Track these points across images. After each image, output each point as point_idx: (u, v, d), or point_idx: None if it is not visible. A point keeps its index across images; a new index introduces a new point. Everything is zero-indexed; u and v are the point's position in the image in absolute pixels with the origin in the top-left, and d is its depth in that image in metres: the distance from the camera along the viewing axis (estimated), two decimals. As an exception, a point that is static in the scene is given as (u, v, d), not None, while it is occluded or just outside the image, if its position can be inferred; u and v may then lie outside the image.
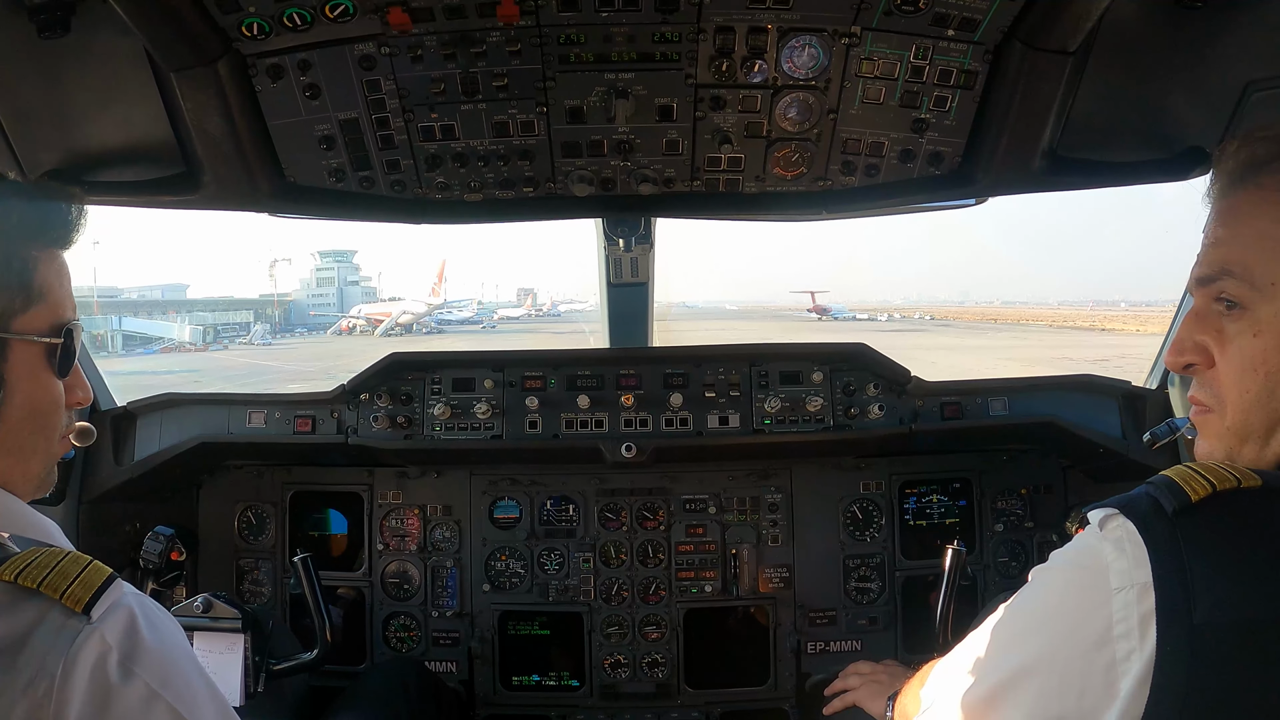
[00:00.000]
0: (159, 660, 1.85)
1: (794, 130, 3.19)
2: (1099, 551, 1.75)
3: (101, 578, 1.83)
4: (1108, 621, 1.69)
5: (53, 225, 2.14)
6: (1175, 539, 1.68)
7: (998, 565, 4.99)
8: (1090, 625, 1.71)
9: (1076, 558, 1.84)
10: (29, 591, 1.76)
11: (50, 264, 2.10)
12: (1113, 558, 1.72)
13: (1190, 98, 3.21)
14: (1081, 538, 1.84)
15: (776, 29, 2.91)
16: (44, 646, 1.72)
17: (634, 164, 3.28)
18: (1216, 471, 1.73)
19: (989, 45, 2.94)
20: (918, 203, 3.52)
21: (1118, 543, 1.72)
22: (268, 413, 4.75)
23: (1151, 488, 1.77)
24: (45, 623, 1.75)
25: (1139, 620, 1.66)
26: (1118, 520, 1.75)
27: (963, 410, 4.71)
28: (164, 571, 4.42)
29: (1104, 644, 1.69)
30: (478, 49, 2.88)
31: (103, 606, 1.79)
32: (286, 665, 4.04)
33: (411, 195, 3.36)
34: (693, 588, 4.99)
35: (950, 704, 2.07)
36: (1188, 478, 1.73)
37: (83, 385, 2.25)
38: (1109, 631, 1.69)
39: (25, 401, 2.03)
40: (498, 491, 5.04)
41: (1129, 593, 1.67)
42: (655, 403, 4.67)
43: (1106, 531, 1.76)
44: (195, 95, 2.89)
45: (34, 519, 2.07)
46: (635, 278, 4.78)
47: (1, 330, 1.98)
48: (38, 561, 1.80)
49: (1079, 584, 1.78)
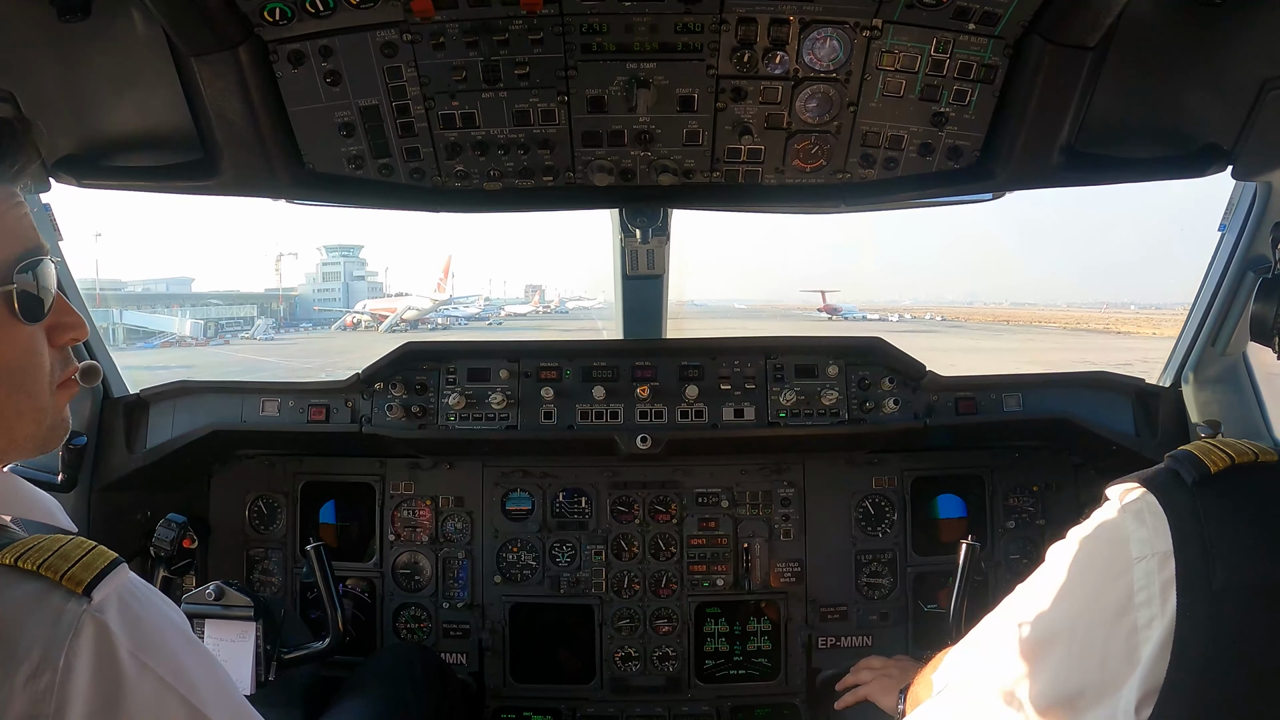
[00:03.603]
0: (167, 649, 1.77)
1: (814, 122, 3.19)
2: (1119, 523, 1.78)
3: (105, 561, 1.73)
4: (1129, 590, 1.71)
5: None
6: (1195, 508, 1.72)
7: (1009, 563, 4.98)
8: (1111, 594, 1.74)
9: (1096, 531, 1.86)
10: (28, 574, 1.66)
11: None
12: (1133, 528, 1.75)
13: (1207, 95, 3.21)
14: (1101, 512, 1.87)
15: (798, 21, 2.91)
16: (43, 633, 1.62)
17: (654, 154, 3.29)
18: (1235, 446, 1.78)
19: (1009, 40, 2.94)
20: (936, 196, 3.52)
21: (1138, 514, 1.76)
22: (281, 401, 4.75)
23: (1171, 461, 1.82)
24: (43, 606, 1.64)
25: (1160, 588, 1.68)
26: (1138, 492, 1.79)
27: (977, 405, 4.70)
28: (175, 559, 4.41)
29: (1125, 612, 1.71)
30: (500, 37, 2.88)
31: (104, 590, 1.69)
32: (298, 654, 4.03)
33: (430, 184, 3.36)
34: (704, 582, 4.98)
35: (967, 682, 2.08)
36: (1207, 451, 1.78)
37: (72, 321, 1.94)
38: (1130, 600, 1.71)
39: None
40: (510, 483, 5.04)
41: (1149, 561, 1.70)
42: (671, 394, 4.66)
43: (1126, 504, 1.79)
44: (215, 81, 2.89)
45: (31, 495, 1.92)
46: (651, 270, 4.77)
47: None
48: (40, 545, 1.71)
49: (1099, 555, 1.81)
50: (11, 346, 1.80)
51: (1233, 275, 4.16)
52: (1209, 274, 4.36)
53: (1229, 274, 4.18)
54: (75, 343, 1.97)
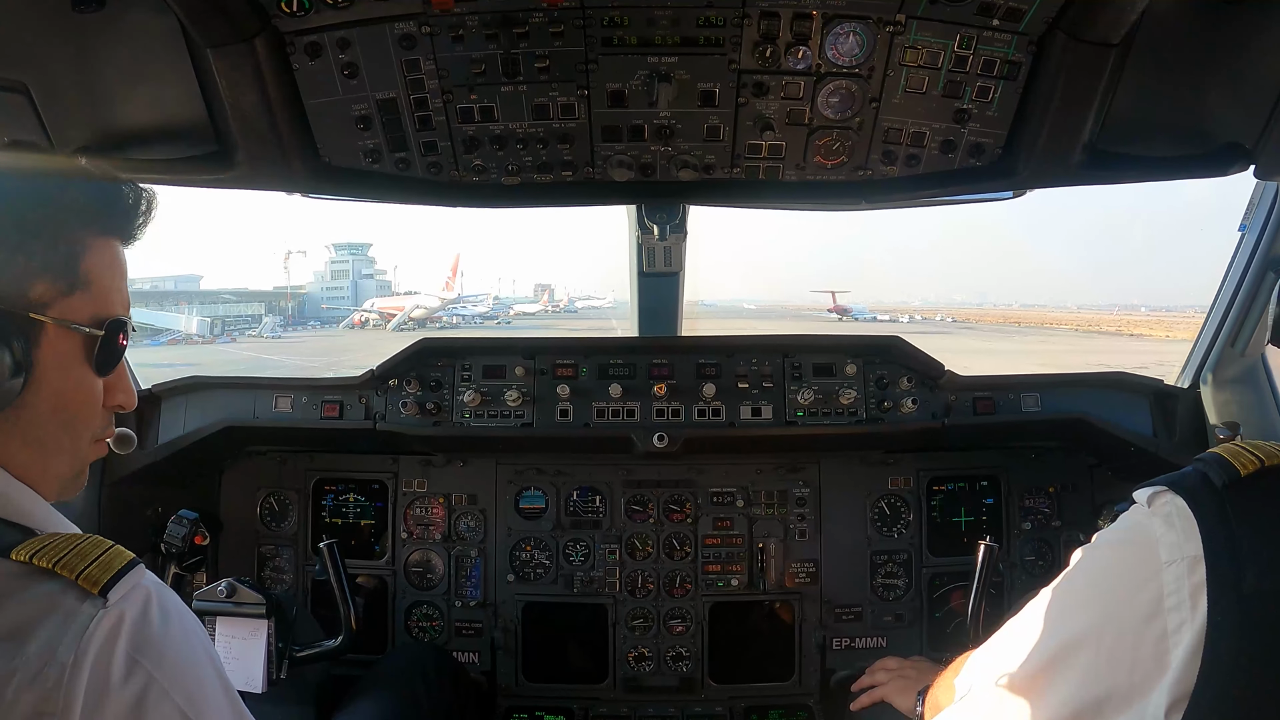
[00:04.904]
0: (174, 656, 1.76)
1: (836, 119, 3.15)
2: (1147, 527, 1.76)
3: (122, 561, 1.75)
4: (1158, 594, 1.69)
5: (111, 211, 2.07)
6: (1225, 511, 1.70)
7: (1024, 564, 4.97)
8: (1140, 598, 1.71)
9: (1124, 534, 1.84)
10: (44, 572, 1.68)
11: (103, 252, 2.02)
12: (1162, 531, 1.73)
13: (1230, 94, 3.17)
14: (1128, 515, 1.85)
15: (821, 15, 2.88)
16: (55, 631, 1.63)
17: (674, 149, 3.25)
18: (1265, 448, 1.75)
19: (1033, 36, 2.91)
20: (957, 194, 3.48)
21: (1166, 517, 1.74)
22: (294, 397, 4.74)
23: (1200, 464, 1.79)
24: (58, 606, 1.66)
25: (1190, 592, 1.66)
26: (1166, 496, 1.77)
27: (995, 405, 4.69)
28: (186, 556, 4.40)
29: (1155, 616, 1.69)
30: (520, 29, 2.85)
31: (121, 590, 1.70)
32: (310, 652, 4.03)
33: (448, 178, 3.33)
34: (718, 581, 4.97)
35: (990, 687, 2.05)
36: (1237, 453, 1.75)
37: (125, 388, 2.14)
38: (1160, 604, 1.69)
39: (53, 394, 1.92)
40: (524, 481, 5.03)
41: (1179, 565, 1.68)
42: (687, 393, 4.65)
43: (1155, 507, 1.77)
44: (231, 73, 2.86)
45: (56, 519, 1.96)
46: (668, 267, 4.76)
47: (36, 312, 1.88)
48: (56, 544, 1.73)
49: (1128, 559, 1.79)
50: (79, 388, 1.98)
51: (1253, 275, 4.14)
52: (1229, 274, 4.34)
53: (1249, 274, 4.15)
54: (121, 410, 2.15)
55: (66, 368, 1.94)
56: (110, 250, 2.04)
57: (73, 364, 1.95)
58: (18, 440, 1.90)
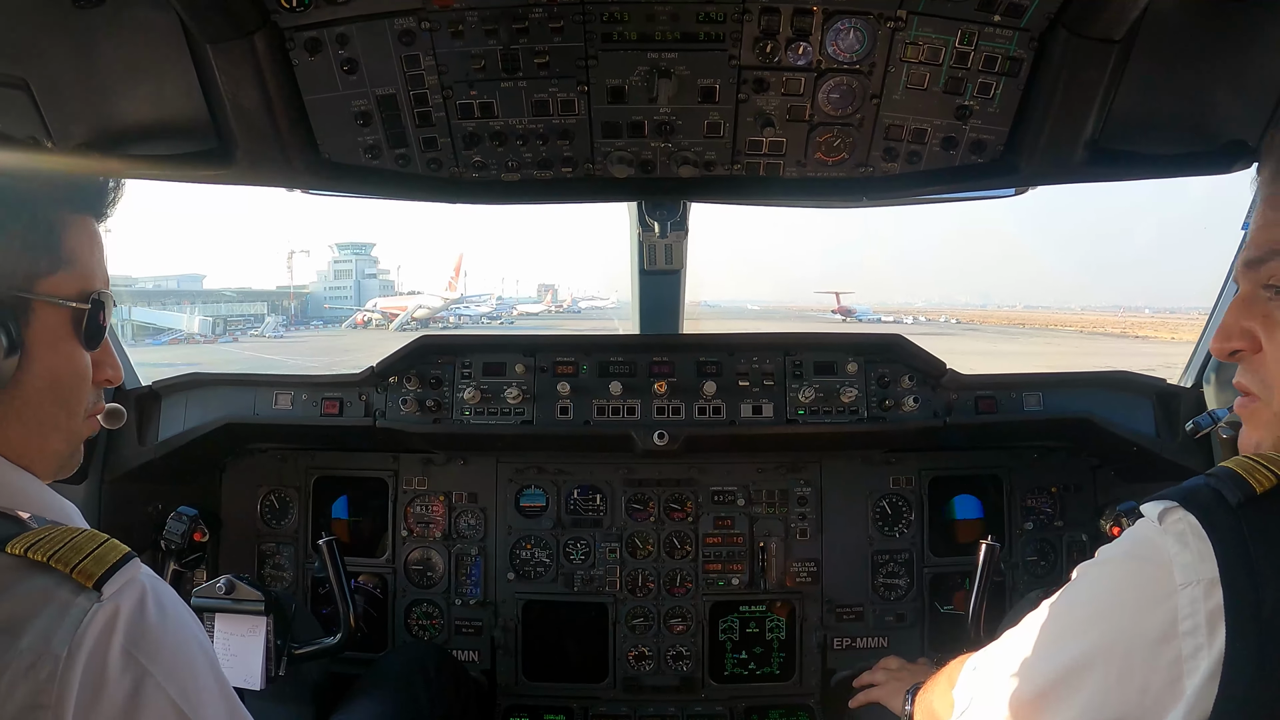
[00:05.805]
0: (169, 650, 1.77)
1: (836, 115, 3.14)
2: (1160, 545, 1.68)
3: (117, 555, 1.76)
4: (1172, 617, 1.62)
5: (84, 190, 2.11)
6: (1240, 532, 1.62)
7: (1026, 564, 4.94)
8: (1153, 619, 1.64)
9: (1134, 550, 1.77)
10: (38, 565, 1.69)
11: (81, 230, 2.06)
12: (1176, 551, 1.65)
13: (1233, 91, 3.15)
14: (1137, 531, 1.77)
15: (822, 11, 2.87)
16: (49, 625, 1.64)
17: (674, 146, 3.24)
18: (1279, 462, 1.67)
19: (1035, 32, 2.89)
20: (959, 191, 3.47)
21: (1180, 536, 1.66)
22: (294, 394, 4.73)
23: (1213, 479, 1.70)
24: (52, 599, 1.66)
25: (1206, 617, 1.59)
26: (1178, 513, 1.69)
27: (997, 405, 4.66)
28: (186, 553, 4.39)
29: (1168, 640, 1.63)
30: (520, 25, 2.84)
31: (116, 584, 1.71)
32: (309, 649, 4.02)
33: (447, 174, 3.32)
34: (719, 580, 4.96)
35: (993, 703, 2.01)
36: (1251, 469, 1.67)
37: (112, 362, 2.19)
38: (1174, 627, 1.62)
39: (46, 371, 1.96)
40: (524, 479, 5.02)
41: (1195, 588, 1.61)
42: (688, 390, 4.63)
43: (1167, 525, 1.69)
44: (231, 69, 2.86)
45: (52, 500, 1.99)
46: (669, 265, 4.75)
47: (24, 290, 1.91)
48: (51, 537, 1.73)
49: (1139, 577, 1.72)
50: (69, 363, 2.03)
51: None
52: (1231, 273, 4.32)
53: (1251, 273, 4.13)
54: (109, 385, 2.20)
55: (57, 344, 1.98)
56: (87, 227, 2.09)
57: (62, 340, 2.00)
58: (13, 420, 1.94)
